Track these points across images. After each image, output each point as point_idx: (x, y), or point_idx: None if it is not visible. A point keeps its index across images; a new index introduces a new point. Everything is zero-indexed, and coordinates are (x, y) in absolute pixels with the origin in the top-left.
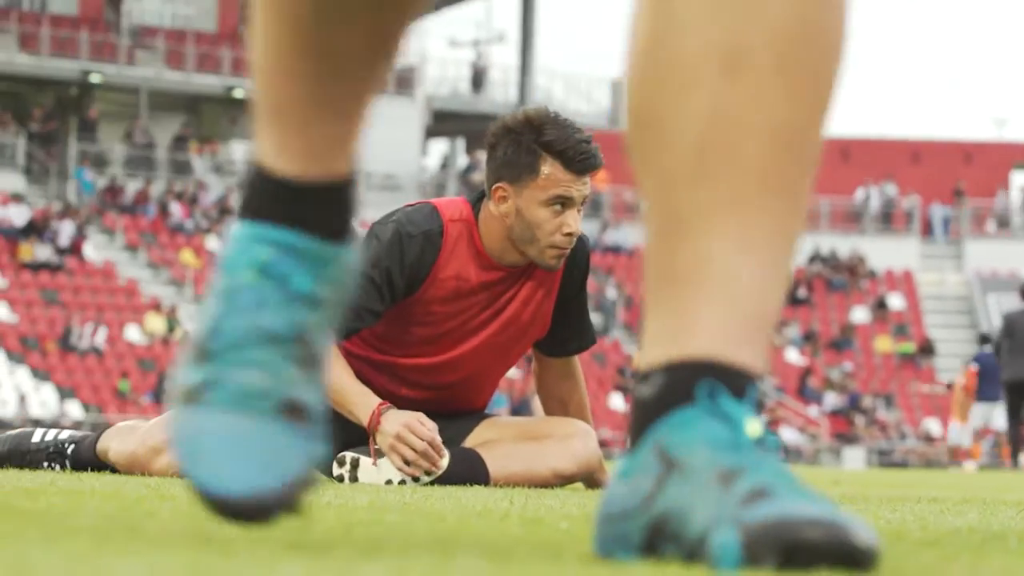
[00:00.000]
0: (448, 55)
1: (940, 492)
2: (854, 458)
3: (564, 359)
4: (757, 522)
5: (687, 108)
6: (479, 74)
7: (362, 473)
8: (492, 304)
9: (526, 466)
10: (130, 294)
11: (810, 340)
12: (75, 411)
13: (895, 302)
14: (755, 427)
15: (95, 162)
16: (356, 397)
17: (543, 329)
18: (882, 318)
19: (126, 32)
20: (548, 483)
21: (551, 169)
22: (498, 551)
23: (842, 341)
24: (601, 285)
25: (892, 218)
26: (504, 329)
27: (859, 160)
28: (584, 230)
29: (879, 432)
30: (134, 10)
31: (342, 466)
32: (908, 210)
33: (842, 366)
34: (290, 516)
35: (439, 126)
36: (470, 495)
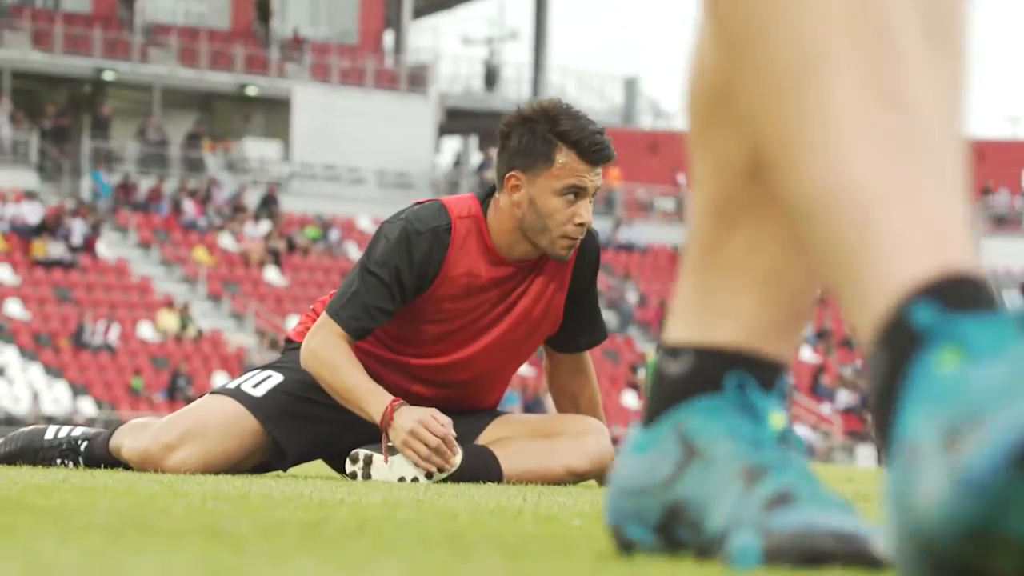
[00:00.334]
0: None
1: None
2: (867, 456)
3: (575, 355)
4: (779, 531)
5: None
6: (492, 72)
7: (375, 470)
8: (503, 300)
9: (539, 463)
10: (143, 291)
11: (823, 338)
12: (88, 408)
13: None
14: (779, 419)
15: (107, 159)
16: (368, 394)
17: (554, 325)
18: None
19: (139, 30)
20: (561, 480)
21: (566, 159)
22: (512, 548)
23: (855, 339)
24: (615, 284)
25: None
26: (516, 325)
27: None
28: (597, 227)
29: None
30: (147, 7)
31: (355, 463)
32: None
33: (855, 364)
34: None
35: (452, 124)
36: (483, 492)
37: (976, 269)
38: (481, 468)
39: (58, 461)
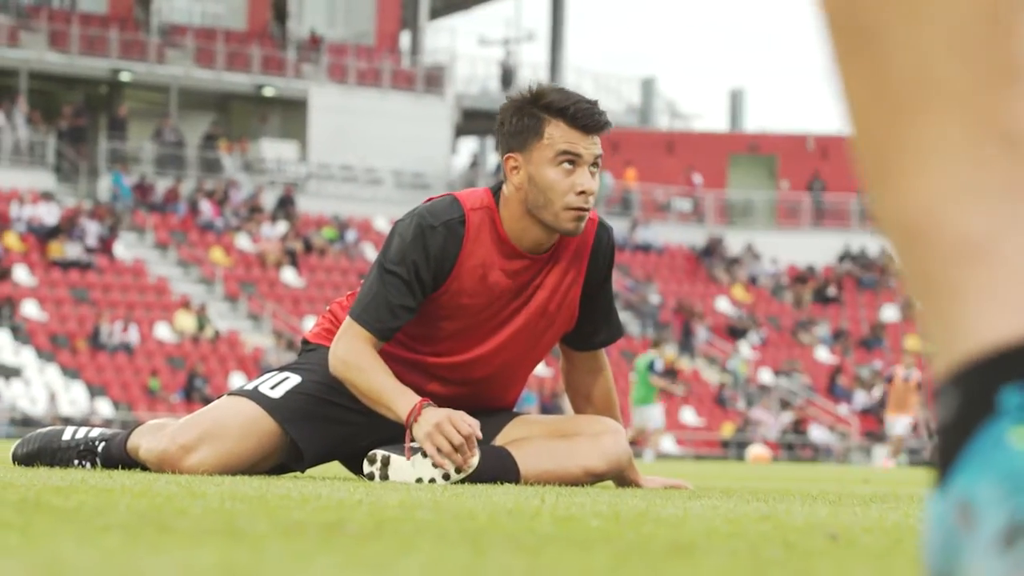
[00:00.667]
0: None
1: None
2: (884, 456)
3: (592, 354)
4: None
5: None
6: (508, 73)
7: (393, 471)
8: (520, 294)
9: (557, 464)
10: (160, 292)
11: (840, 339)
12: (105, 409)
13: None
14: None
15: (124, 160)
16: (397, 395)
17: (571, 320)
18: (912, 317)
19: (156, 30)
20: (579, 481)
21: (554, 128)
22: (529, 549)
23: (872, 340)
24: (631, 285)
25: None
26: (533, 320)
27: None
28: (614, 228)
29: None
30: (164, 8)
31: (372, 464)
32: None
33: (872, 364)
34: None
35: (469, 124)
36: (501, 493)
37: None
38: (499, 469)
39: (75, 462)
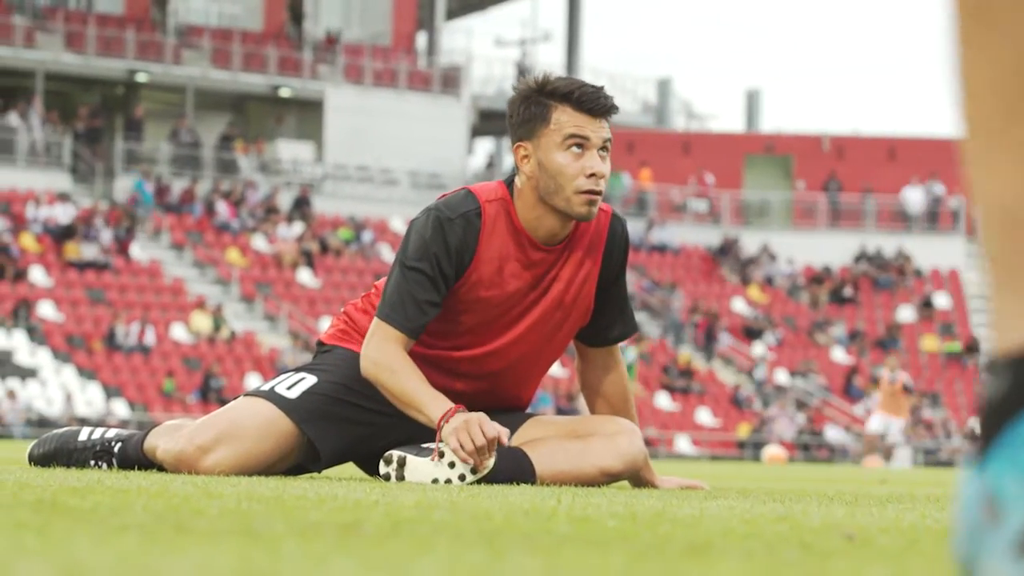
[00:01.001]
0: (494, 54)
1: None
2: (900, 457)
3: (606, 350)
4: None
5: None
6: (525, 73)
7: (409, 472)
8: (536, 286)
9: (572, 464)
10: (176, 293)
11: (856, 339)
12: (121, 410)
13: (941, 301)
14: None
15: (140, 161)
16: (429, 398)
17: (586, 313)
18: (928, 317)
19: (172, 31)
20: (594, 481)
21: (560, 113)
22: (546, 549)
23: (888, 340)
24: (647, 286)
25: (938, 217)
26: (549, 312)
27: (905, 159)
28: (629, 229)
29: (925, 431)
30: (180, 9)
31: (389, 465)
32: (954, 209)
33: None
34: None
35: (485, 125)
36: (517, 494)
37: None
38: (515, 469)
39: (92, 463)
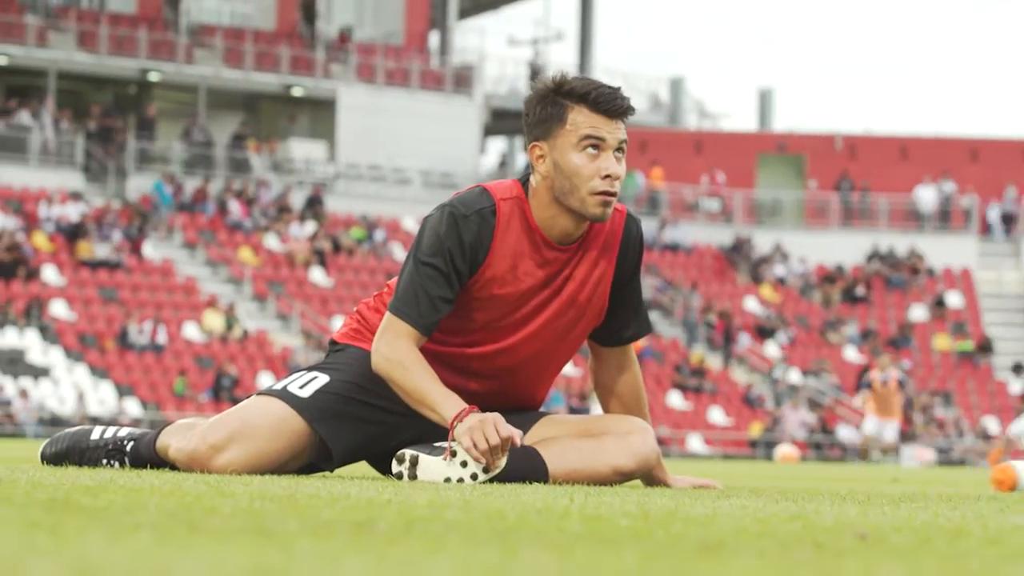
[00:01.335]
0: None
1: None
2: (913, 456)
3: (620, 350)
4: None
5: None
6: (537, 72)
7: (421, 471)
8: (550, 284)
9: (585, 463)
10: (188, 292)
11: (868, 338)
12: (133, 409)
13: (953, 300)
14: None
15: (153, 160)
16: (442, 397)
17: (600, 312)
18: (940, 316)
19: (184, 30)
20: (607, 480)
21: (576, 114)
22: (559, 548)
23: (900, 339)
24: (660, 286)
25: (950, 216)
26: (563, 310)
27: (917, 158)
28: (643, 228)
29: (937, 430)
30: (192, 8)
31: (401, 463)
32: (966, 208)
33: (901, 364)
34: None
35: (497, 124)
36: (530, 492)
37: None
38: (527, 468)
39: (104, 461)
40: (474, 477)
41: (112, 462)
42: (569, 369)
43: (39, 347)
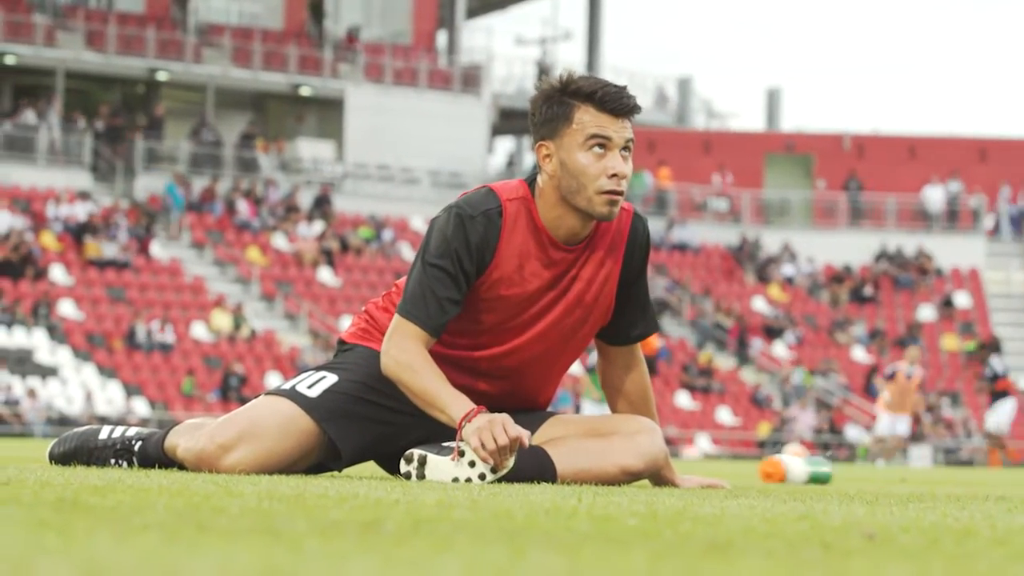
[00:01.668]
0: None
1: (1007, 490)
2: (921, 456)
3: (628, 349)
4: None
5: None
6: (545, 72)
7: (430, 471)
8: (556, 285)
9: (593, 463)
10: (196, 291)
11: (876, 338)
12: (141, 408)
13: (961, 300)
14: None
15: (161, 159)
16: (451, 398)
17: (607, 312)
18: (948, 316)
19: (192, 30)
20: (615, 480)
21: (583, 113)
22: (568, 547)
23: (908, 339)
24: (668, 286)
25: (959, 216)
26: (569, 310)
27: (925, 157)
28: (650, 228)
29: (945, 430)
30: (200, 8)
31: (409, 463)
32: (975, 208)
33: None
34: None
35: (505, 124)
36: (538, 492)
37: None
38: (535, 468)
39: (112, 461)
40: (482, 477)
41: (120, 462)
42: (576, 369)
43: (47, 347)
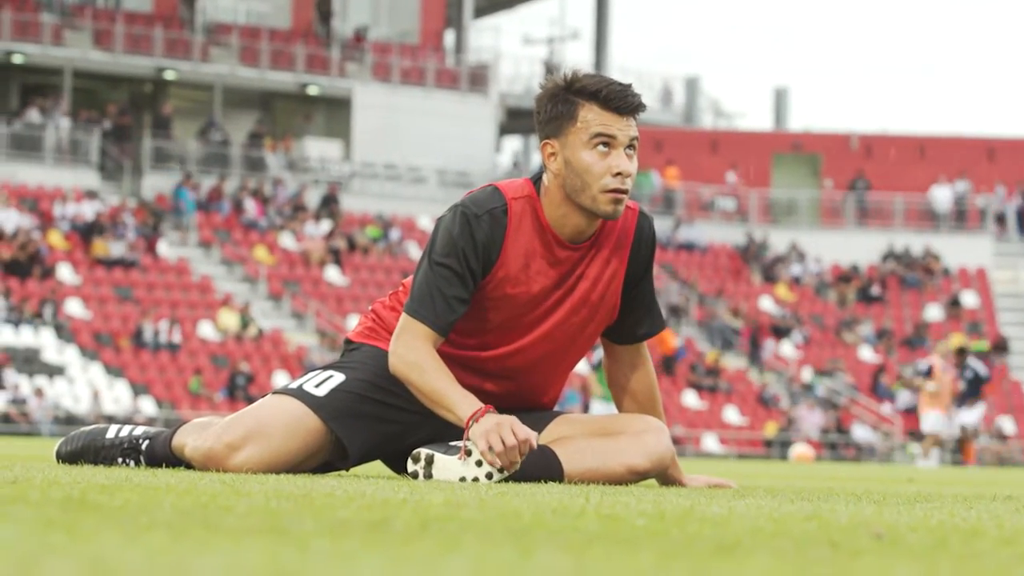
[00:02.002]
0: (522, 52)
1: (1014, 490)
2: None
3: (634, 347)
4: None
5: None
6: (553, 71)
7: (437, 470)
8: (562, 284)
9: (600, 462)
10: (204, 291)
11: (883, 338)
12: (148, 407)
13: (969, 300)
14: None
15: (166, 158)
16: (459, 398)
17: (613, 311)
18: (956, 316)
19: (200, 29)
20: (622, 479)
21: (587, 112)
22: (575, 547)
23: (915, 339)
24: (674, 286)
25: (966, 216)
26: (575, 309)
27: (933, 157)
28: (657, 227)
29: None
30: (208, 7)
31: (417, 463)
32: (982, 208)
33: (916, 364)
34: None
35: (512, 123)
36: (545, 492)
37: None
38: (543, 467)
39: (119, 460)
40: (489, 476)
41: (127, 461)
42: (583, 368)
43: (54, 346)
